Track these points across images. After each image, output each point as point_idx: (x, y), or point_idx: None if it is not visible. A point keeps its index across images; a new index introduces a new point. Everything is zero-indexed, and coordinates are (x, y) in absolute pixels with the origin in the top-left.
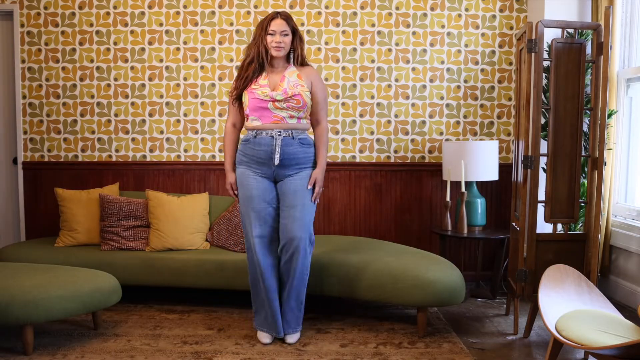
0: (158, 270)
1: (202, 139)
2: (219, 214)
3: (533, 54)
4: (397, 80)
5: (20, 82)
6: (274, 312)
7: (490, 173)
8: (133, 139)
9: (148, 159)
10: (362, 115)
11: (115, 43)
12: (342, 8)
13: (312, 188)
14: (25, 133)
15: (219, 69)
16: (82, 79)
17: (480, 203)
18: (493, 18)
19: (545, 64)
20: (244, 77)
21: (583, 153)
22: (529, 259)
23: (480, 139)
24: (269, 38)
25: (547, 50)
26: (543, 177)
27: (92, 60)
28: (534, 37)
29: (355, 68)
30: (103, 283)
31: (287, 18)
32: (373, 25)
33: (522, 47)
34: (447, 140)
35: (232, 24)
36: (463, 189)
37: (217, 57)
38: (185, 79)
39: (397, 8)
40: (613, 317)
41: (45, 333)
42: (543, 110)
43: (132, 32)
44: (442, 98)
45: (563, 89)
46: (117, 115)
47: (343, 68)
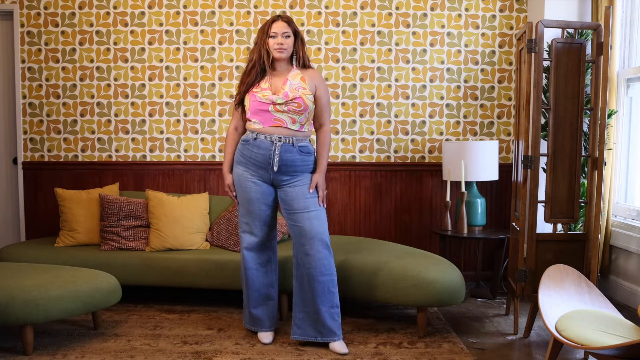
0: (158, 270)
1: (202, 139)
2: (219, 214)
3: (533, 54)
4: (397, 80)
5: (20, 82)
6: (253, 307)
7: (490, 173)
8: (133, 139)
9: (148, 159)
10: (362, 115)
11: (115, 43)
12: (342, 8)
13: (315, 192)
14: (25, 133)
15: (219, 69)
16: (82, 79)
17: (480, 203)
18: (493, 18)
19: (545, 64)
20: (247, 82)
21: (583, 153)
22: (529, 259)
23: (480, 139)
24: (271, 41)
25: (547, 50)
26: (543, 177)
27: (92, 60)
28: (534, 37)
29: (355, 68)
30: (103, 283)
31: (288, 20)
32: (373, 25)
33: (522, 47)
34: (447, 140)
35: (232, 24)
36: (463, 189)
37: (217, 57)
38: (185, 79)
39: (397, 8)
40: (613, 317)
41: (45, 333)
42: (543, 110)
43: (132, 32)
44: (442, 98)
45: (563, 89)
46: (117, 115)
47: (343, 68)
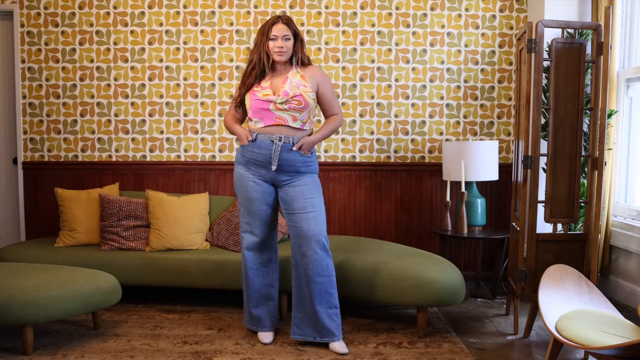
0: (158, 270)
1: (202, 139)
2: (219, 214)
3: (533, 54)
4: (397, 80)
5: (20, 82)
6: (252, 307)
7: (490, 173)
8: (133, 139)
9: (148, 159)
10: (362, 115)
11: (115, 43)
12: (342, 8)
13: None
14: (25, 133)
15: (219, 69)
16: (82, 79)
17: (480, 203)
18: (493, 18)
19: (545, 64)
20: (247, 84)
21: (583, 153)
22: (529, 259)
23: (480, 139)
24: (271, 43)
25: (547, 50)
26: (543, 177)
27: (92, 60)
28: (534, 37)
29: (355, 68)
30: (103, 283)
31: (288, 22)
32: (373, 25)
33: (522, 47)
34: (447, 140)
35: (232, 24)
36: (463, 189)
37: (217, 57)
38: (185, 79)
39: (397, 8)
40: (613, 317)
41: (45, 333)
42: (543, 110)
43: (132, 32)
44: (442, 98)
45: (563, 89)
46: (117, 115)
47: (343, 68)
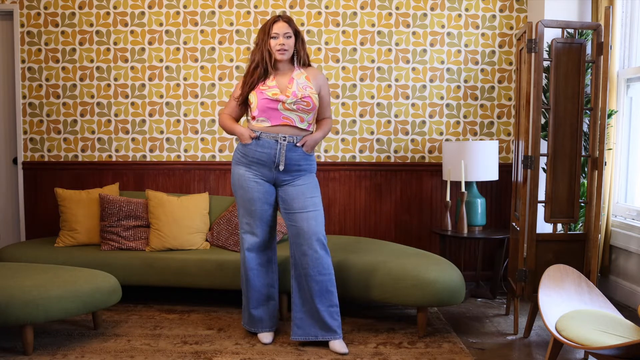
0: (158, 270)
1: (202, 139)
2: (219, 214)
3: (533, 54)
4: (397, 80)
5: (20, 82)
6: (252, 308)
7: (490, 173)
8: (133, 139)
9: (148, 159)
10: (362, 115)
11: (115, 43)
12: (342, 8)
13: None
14: (25, 133)
15: (219, 69)
16: (82, 79)
17: (480, 203)
18: (493, 18)
19: (545, 64)
20: (250, 82)
21: (583, 153)
22: (529, 259)
23: (480, 139)
24: (272, 42)
25: (547, 50)
26: (543, 177)
27: (92, 60)
28: (534, 37)
29: (355, 68)
30: (103, 283)
31: (288, 20)
32: (373, 25)
33: (522, 47)
34: (447, 140)
35: (232, 24)
36: (463, 189)
37: (217, 57)
38: (185, 79)
39: (397, 8)
40: (613, 317)
41: (45, 333)
42: (543, 110)
43: (132, 32)
44: (442, 98)
45: (563, 89)
46: (117, 115)
47: (343, 68)
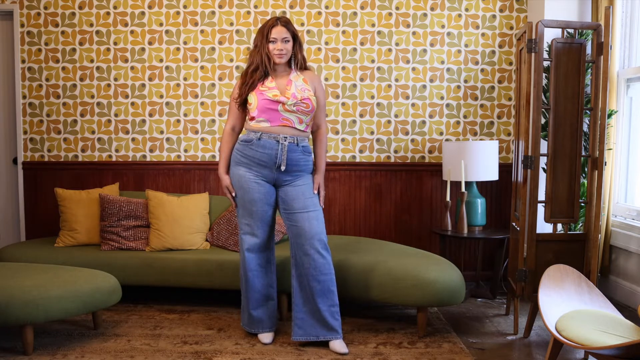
0: (158, 271)
1: (202, 139)
2: (219, 214)
3: (533, 54)
4: (397, 80)
5: (20, 82)
6: (253, 309)
7: (490, 173)
8: (133, 139)
9: (148, 159)
10: (362, 115)
11: (115, 43)
12: (342, 8)
13: (317, 193)
14: (25, 133)
15: (219, 69)
16: (82, 79)
17: (480, 203)
18: (493, 18)
19: (545, 64)
20: (249, 83)
21: (583, 153)
22: (529, 259)
23: (480, 139)
24: (271, 46)
25: (547, 50)
26: (543, 177)
27: (92, 60)
28: (534, 37)
29: (355, 68)
30: (103, 283)
31: (286, 23)
32: (373, 25)
33: (522, 47)
34: (447, 140)
35: (232, 24)
36: (463, 189)
37: (217, 57)
38: (185, 79)
39: (397, 8)
40: (613, 317)
41: (45, 333)
42: (543, 110)
43: (132, 32)
44: (442, 98)
45: (563, 89)
46: (117, 115)
47: (343, 68)
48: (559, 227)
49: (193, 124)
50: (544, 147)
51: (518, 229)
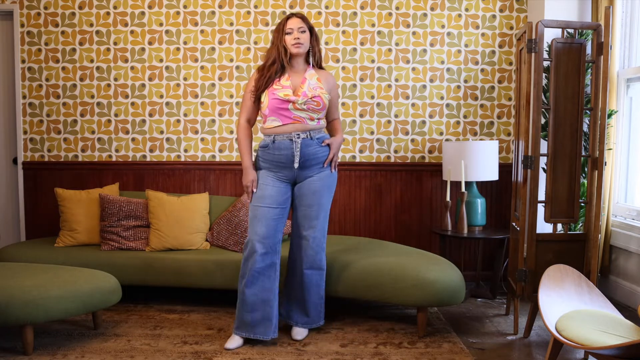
0: (158, 270)
1: (202, 139)
2: (219, 214)
3: (533, 54)
4: (397, 80)
5: (20, 82)
6: (267, 311)
7: (491, 173)
8: (133, 139)
9: (148, 159)
10: (362, 115)
11: (115, 43)
12: (342, 8)
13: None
14: (25, 133)
15: (219, 69)
16: (82, 79)
17: (481, 203)
18: (493, 18)
19: (546, 64)
20: (267, 76)
21: (583, 153)
22: (529, 259)
23: (481, 139)
24: (287, 37)
25: (547, 50)
26: (543, 177)
27: (92, 60)
28: (534, 37)
29: (355, 68)
30: (103, 283)
31: (302, 17)
32: (373, 25)
33: (522, 47)
34: (447, 140)
35: (232, 24)
36: (463, 189)
37: (217, 57)
38: (185, 79)
39: (397, 8)
40: (613, 317)
41: (45, 333)
42: (543, 110)
43: (132, 32)
44: (442, 98)
45: (563, 89)
46: (117, 115)
47: (343, 68)
48: (559, 227)
49: (193, 124)
50: (545, 147)
51: (518, 229)
